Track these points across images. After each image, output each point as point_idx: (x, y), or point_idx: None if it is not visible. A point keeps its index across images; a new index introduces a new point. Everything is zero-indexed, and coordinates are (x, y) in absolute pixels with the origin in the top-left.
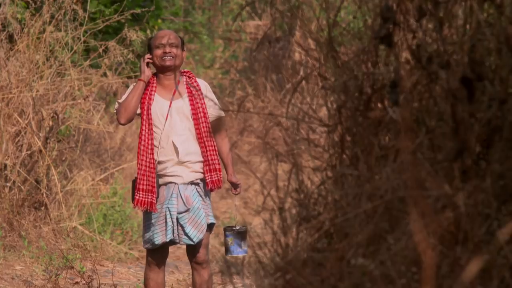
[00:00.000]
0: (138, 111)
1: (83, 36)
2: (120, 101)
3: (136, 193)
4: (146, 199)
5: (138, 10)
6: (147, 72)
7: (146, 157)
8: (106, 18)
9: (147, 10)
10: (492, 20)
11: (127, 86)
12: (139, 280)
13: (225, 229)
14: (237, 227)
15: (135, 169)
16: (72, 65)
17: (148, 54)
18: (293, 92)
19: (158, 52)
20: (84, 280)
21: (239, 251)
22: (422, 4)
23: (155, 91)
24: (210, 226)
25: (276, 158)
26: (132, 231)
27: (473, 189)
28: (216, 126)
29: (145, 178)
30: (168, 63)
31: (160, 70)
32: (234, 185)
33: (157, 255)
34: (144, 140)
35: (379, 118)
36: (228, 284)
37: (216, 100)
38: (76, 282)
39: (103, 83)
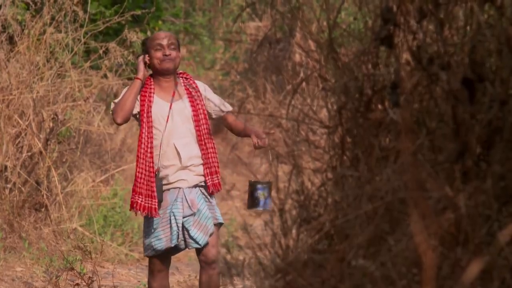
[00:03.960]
0: (135, 111)
1: (84, 37)
2: (116, 101)
3: (137, 197)
4: (147, 204)
5: (138, 12)
6: (144, 71)
7: (146, 161)
8: (107, 19)
9: (147, 11)
10: (493, 21)
11: None
12: (139, 281)
13: (255, 183)
14: (267, 181)
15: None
16: (73, 66)
17: (146, 55)
18: (293, 94)
19: (157, 54)
20: (85, 282)
21: (267, 206)
22: (423, 5)
23: (154, 93)
24: (219, 225)
25: (277, 160)
26: (133, 233)
27: (474, 191)
28: (227, 120)
29: (145, 182)
30: (167, 65)
31: (159, 73)
32: (259, 136)
33: (159, 262)
34: (144, 143)
35: (380, 119)
36: (228, 285)
37: (218, 97)
38: (77, 284)
39: (104, 84)
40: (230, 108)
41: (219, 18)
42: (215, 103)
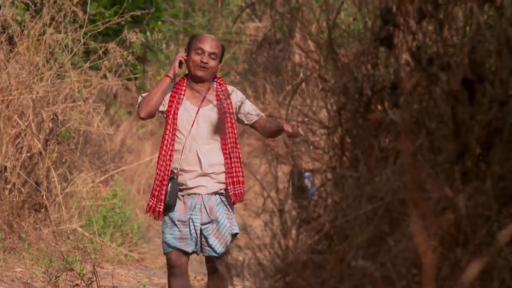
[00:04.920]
0: (162, 108)
1: (83, 38)
2: (144, 95)
3: (151, 199)
4: (155, 207)
5: (138, 12)
6: (177, 70)
7: (166, 163)
8: (106, 20)
9: (147, 12)
10: (492, 22)
11: (127, 88)
12: (139, 282)
13: (301, 171)
14: (310, 169)
15: (136, 171)
16: (72, 67)
17: (184, 54)
18: (293, 94)
19: (196, 57)
20: (84, 282)
21: (313, 195)
22: (422, 6)
23: (183, 95)
24: (233, 236)
25: (276, 160)
26: (132, 233)
27: (474, 191)
28: (261, 123)
29: (159, 184)
30: (200, 73)
31: (191, 76)
32: (292, 125)
33: (176, 259)
34: (166, 146)
35: (379, 120)
36: (228, 286)
37: (250, 103)
38: (76, 284)
39: (103, 85)
40: (262, 114)
41: (218, 19)
42: (247, 109)
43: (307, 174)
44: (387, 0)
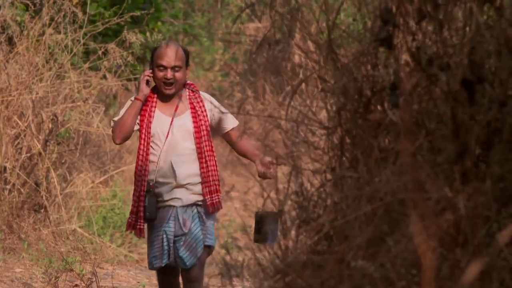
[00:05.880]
0: (136, 127)
1: (83, 38)
2: (115, 119)
3: (130, 216)
4: (135, 224)
5: (137, 13)
6: (145, 91)
7: (142, 178)
8: (106, 20)
9: (146, 12)
10: (492, 22)
11: (127, 89)
12: (138, 282)
13: (265, 215)
14: (276, 212)
15: None
16: (72, 67)
17: (149, 71)
18: (292, 95)
19: (160, 74)
20: (84, 283)
21: (275, 239)
22: (422, 7)
23: (155, 107)
24: (209, 248)
25: (276, 161)
26: (132, 234)
27: (473, 192)
28: (230, 137)
29: (137, 200)
30: (168, 92)
31: (160, 92)
32: (264, 164)
33: (165, 275)
34: (142, 160)
35: (379, 120)
36: (227, 287)
37: (226, 111)
38: (76, 285)
39: (103, 85)
40: (235, 124)
41: (218, 19)
42: (219, 118)
43: (270, 220)
44: (387, 0)
